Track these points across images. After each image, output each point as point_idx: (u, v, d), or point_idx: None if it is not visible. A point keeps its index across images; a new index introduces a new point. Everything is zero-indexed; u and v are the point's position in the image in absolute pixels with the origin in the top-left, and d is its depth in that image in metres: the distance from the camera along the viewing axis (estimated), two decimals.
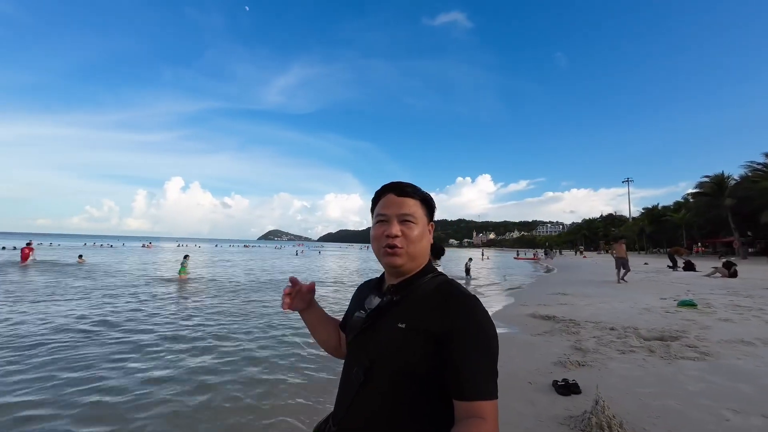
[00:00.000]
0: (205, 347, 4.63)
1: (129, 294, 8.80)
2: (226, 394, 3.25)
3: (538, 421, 2.38)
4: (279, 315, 6.59)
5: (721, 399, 2.59)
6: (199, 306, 7.53)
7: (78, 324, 5.62)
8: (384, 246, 0.83)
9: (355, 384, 0.79)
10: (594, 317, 5.55)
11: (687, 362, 3.38)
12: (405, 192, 0.85)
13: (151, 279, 12.28)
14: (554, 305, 6.97)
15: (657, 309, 6.13)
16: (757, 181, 28.06)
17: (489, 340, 0.73)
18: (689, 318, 5.30)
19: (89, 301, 7.72)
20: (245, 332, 5.41)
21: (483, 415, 0.67)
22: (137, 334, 5.17)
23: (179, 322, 6.00)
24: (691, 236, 40.48)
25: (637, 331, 4.52)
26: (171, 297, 8.61)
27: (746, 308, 5.99)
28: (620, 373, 3.16)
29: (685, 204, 43.46)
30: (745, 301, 6.70)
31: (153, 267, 17.29)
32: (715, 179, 32.42)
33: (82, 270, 14.57)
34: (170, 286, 10.62)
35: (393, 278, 0.88)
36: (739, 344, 3.90)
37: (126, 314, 6.45)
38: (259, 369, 3.90)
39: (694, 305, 6.16)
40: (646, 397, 2.68)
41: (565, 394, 2.76)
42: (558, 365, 3.43)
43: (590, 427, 2.19)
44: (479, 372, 0.69)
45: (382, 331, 0.79)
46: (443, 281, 0.84)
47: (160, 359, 4.15)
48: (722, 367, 3.23)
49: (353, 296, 1.02)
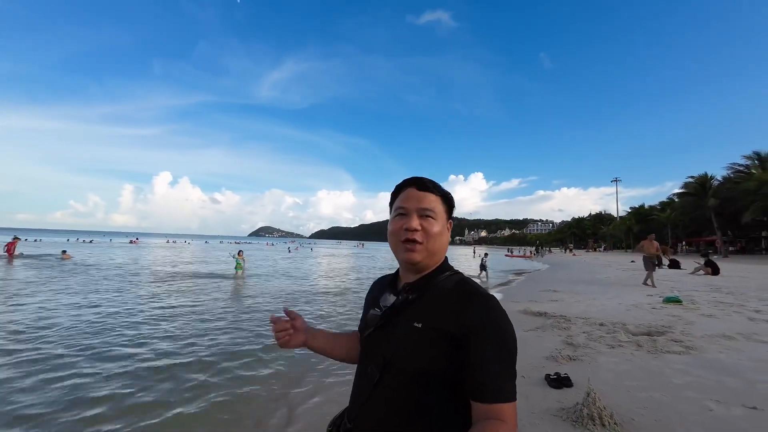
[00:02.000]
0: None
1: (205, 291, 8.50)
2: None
3: (531, 413, 2.45)
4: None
5: (705, 391, 2.71)
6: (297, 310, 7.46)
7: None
8: (403, 240, 0.81)
9: (371, 382, 0.78)
10: (584, 313, 5.69)
11: (672, 356, 3.51)
12: (426, 187, 0.84)
13: (217, 277, 11.77)
14: (545, 302, 7.12)
15: (644, 305, 6.32)
16: (739, 182, 28.95)
17: (508, 340, 0.71)
18: (675, 314, 5.48)
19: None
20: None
21: (502, 417, 0.66)
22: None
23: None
24: (676, 235, 41.58)
25: (625, 327, 4.66)
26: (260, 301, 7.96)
27: (728, 304, 6.21)
28: (609, 367, 3.26)
29: (670, 204, 44.56)
30: (727, 298, 6.95)
31: (186, 263, 16.99)
32: (700, 180, 33.32)
33: (80, 266, 14.24)
34: (236, 286, 10.17)
35: (409, 275, 0.86)
36: (722, 339, 4.06)
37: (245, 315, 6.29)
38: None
39: (679, 301, 6.36)
40: (634, 389, 2.77)
41: (558, 388, 2.84)
42: (550, 360, 3.52)
43: (582, 419, 2.27)
44: (498, 373, 0.68)
45: (398, 330, 0.78)
46: (460, 279, 0.82)
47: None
48: (706, 361, 3.36)
49: (367, 294, 1.00)
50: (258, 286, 10.59)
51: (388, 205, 0.90)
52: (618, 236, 57.40)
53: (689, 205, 34.28)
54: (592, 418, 2.24)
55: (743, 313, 5.42)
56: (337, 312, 7.07)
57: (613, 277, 12.80)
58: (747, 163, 31.16)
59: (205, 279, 11.61)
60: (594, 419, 2.23)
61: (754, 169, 29.36)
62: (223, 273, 13.39)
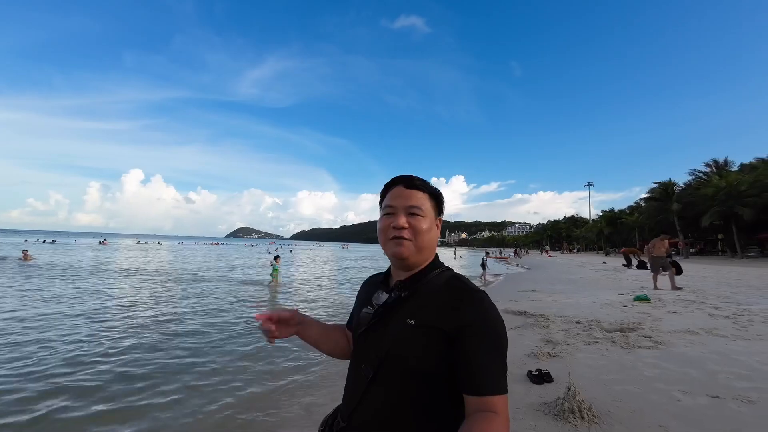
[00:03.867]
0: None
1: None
2: None
3: (515, 408, 2.52)
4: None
5: (673, 382, 2.88)
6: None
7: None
8: (391, 237, 0.81)
9: (364, 380, 0.78)
10: (561, 312, 5.91)
11: (643, 351, 3.71)
12: (414, 185, 0.85)
13: (248, 283, 10.44)
14: (525, 301, 7.34)
15: (616, 304, 6.64)
16: (699, 188, 31.07)
17: (499, 335, 0.73)
18: (644, 311, 5.80)
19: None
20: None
21: (495, 409, 0.67)
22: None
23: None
24: (643, 237, 44.01)
25: (599, 324, 4.88)
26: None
27: (691, 302, 6.64)
28: (587, 363, 3.41)
29: (637, 208, 47.17)
30: (689, 296, 7.43)
31: (195, 265, 16.10)
32: (664, 186, 35.47)
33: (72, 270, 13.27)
34: (271, 294, 9.21)
35: (400, 273, 0.86)
36: (686, 334, 4.33)
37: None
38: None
39: (647, 300, 6.75)
40: (610, 383, 2.91)
41: (539, 383, 2.94)
42: (531, 357, 3.63)
43: (563, 412, 2.36)
44: (491, 367, 0.69)
45: (391, 328, 0.78)
46: (452, 276, 0.82)
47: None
48: (673, 354, 3.58)
49: (359, 292, 0.99)
50: (304, 295, 9.27)
51: (378, 203, 0.90)
52: (591, 238, 60.16)
53: (654, 209, 36.41)
54: (573, 411, 2.34)
55: (704, 310, 5.81)
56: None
57: (587, 277, 13.38)
58: (706, 170, 33.49)
59: (236, 285, 10.28)
60: (574, 412, 2.33)
61: (713, 176, 31.60)
62: (251, 279, 11.90)
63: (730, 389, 2.71)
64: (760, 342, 3.95)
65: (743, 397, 2.57)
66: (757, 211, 25.38)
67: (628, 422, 2.29)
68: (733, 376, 2.99)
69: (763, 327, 4.60)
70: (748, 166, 32.21)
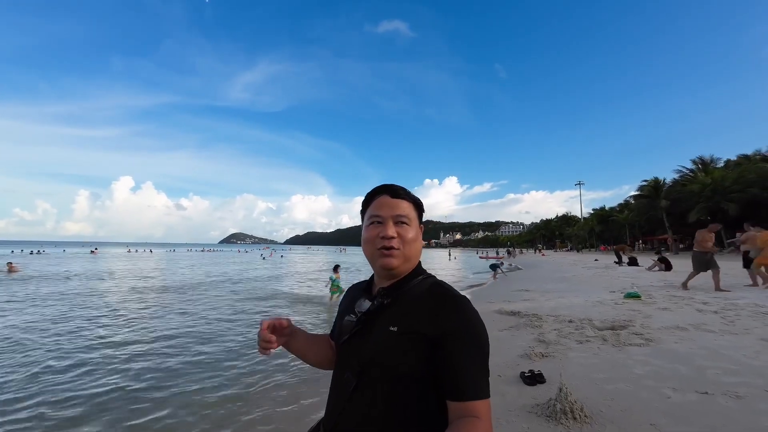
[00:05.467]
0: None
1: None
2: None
3: (508, 411, 2.51)
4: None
5: (663, 379, 2.91)
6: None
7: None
8: (379, 248, 0.81)
9: (347, 389, 0.77)
10: (554, 311, 5.95)
11: (634, 348, 3.74)
12: (399, 194, 0.86)
13: (306, 302, 8.80)
14: (518, 301, 7.37)
15: (607, 301, 6.71)
16: (686, 184, 31.77)
17: (482, 340, 0.74)
18: (635, 308, 5.86)
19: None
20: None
21: (478, 414, 0.68)
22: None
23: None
24: (633, 234, 44.75)
25: (591, 323, 4.92)
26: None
27: (680, 298, 6.74)
28: (579, 362, 3.42)
29: (627, 205, 48.01)
30: (679, 292, 7.53)
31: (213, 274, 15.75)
32: (652, 183, 36.18)
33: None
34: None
35: (384, 281, 0.86)
36: (676, 330, 4.38)
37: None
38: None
39: (638, 297, 6.82)
40: (602, 381, 2.93)
41: (532, 384, 2.94)
42: (524, 357, 3.64)
43: (555, 413, 2.36)
44: (473, 372, 0.70)
45: (374, 335, 0.78)
46: (434, 282, 0.83)
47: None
48: (663, 351, 3.61)
49: (342, 300, 1.00)
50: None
51: (360, 213, 0.91)
52: (582, 236, 60.95)
53: (644, 206, 37.11)
54: (565, 412, 2.34)
55: (693, 306, 5.89)
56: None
57: (579, 275, 13.50)
58: (693, 167, 34.27)
59: (299, 304, 8.67)
60: (567, 413, 2.33)
61: (699, 173, 32.37)
62: (310, 296, 9.92)
63: (718, 385, 2.74)
64: (747, 336, 4.02)
65: (731, 392, 2.60)
66: (741, 206, 26.01)
67: (619, 421, 2.29)
68: (722, 371, 3.02)
69: (750, 321, 4.68)
70: (732, 163, 33.03)
